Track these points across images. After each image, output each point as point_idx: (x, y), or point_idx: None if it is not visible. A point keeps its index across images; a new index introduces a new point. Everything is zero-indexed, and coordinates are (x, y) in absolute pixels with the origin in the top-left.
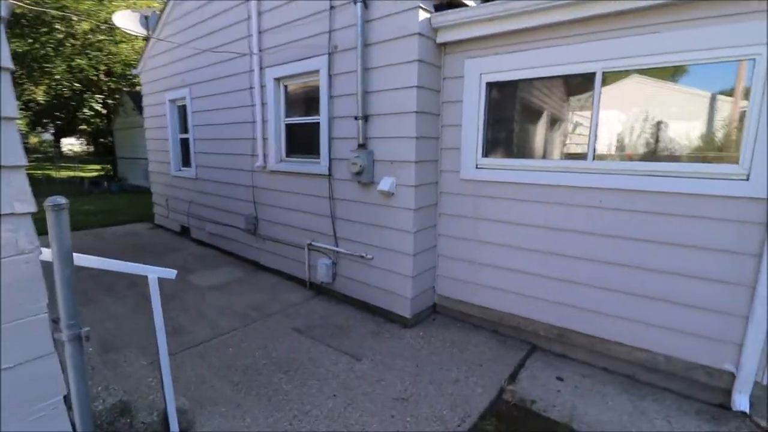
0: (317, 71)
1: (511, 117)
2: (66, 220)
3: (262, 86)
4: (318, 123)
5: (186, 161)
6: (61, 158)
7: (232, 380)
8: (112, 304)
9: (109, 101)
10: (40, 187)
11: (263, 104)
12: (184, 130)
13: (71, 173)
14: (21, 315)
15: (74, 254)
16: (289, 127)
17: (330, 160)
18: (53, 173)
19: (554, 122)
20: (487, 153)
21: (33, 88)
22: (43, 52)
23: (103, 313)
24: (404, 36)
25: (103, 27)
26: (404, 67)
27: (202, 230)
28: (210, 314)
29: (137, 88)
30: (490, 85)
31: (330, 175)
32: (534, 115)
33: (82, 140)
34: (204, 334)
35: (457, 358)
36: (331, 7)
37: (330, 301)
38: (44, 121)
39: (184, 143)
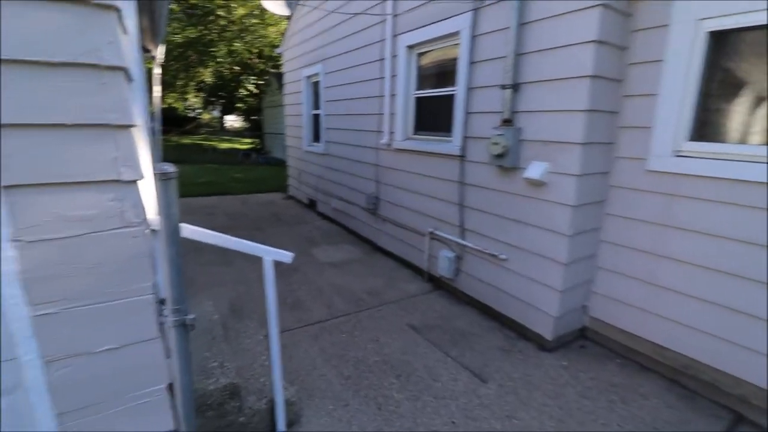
0: (456, 33)
1: (745, 82)
2: (174, 191)
3: (394, 56)
4: (452, 95)
5: (317, 137)
6: (223, 132)
7: (342, 373)
8: (247, 267)
9: (260, 82)
10: (207, 155)
11: (393, 76)
12: (317, 106)
13: (230, 145)
14: (125, 294)
15: (192, 227)
16: (418, 101)
17: (464, 138)
18: (217, 144)
19: None
20: (695, 135)
21: (202, 70)
22: (209, 37)
23: (237, 275)
24: None
25: (255, 12)
26: (578, 16)
27: (328, 205)
28: (327, 292)
29: (280, 68)
30: (714, 36)
31: (462, 156)
32: None
33: (240, 117)
34: (320, 313)
35: (619, 410)
36: None
37: (450, 299)
38: (211, 99)
39: (316, 119)
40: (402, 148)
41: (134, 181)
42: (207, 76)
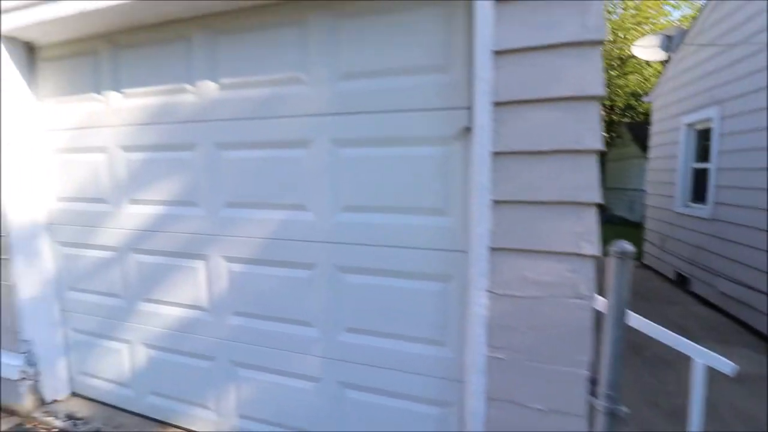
0: None
1: None
2: (629, 270)
3: None
4: None
5: (699, 196)
6: None
7: None
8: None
9: (607, 134)
10: None
11: None
12: (703, 158)
13: None
14: (560, 362)
15: (636, 316)
16: None
17: None
18: None
19: None
20: None
21: None
22: None
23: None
24: None
25: (614, 63)
26: None
27: (710, 286)
28: (723, 413)
29: (637, 119)
30: None
31: None
32: None
33: None
34: None
35: None
36: None
37: None
38: None
39: (700, 175)
40: None
41: (591, 256)
42: None
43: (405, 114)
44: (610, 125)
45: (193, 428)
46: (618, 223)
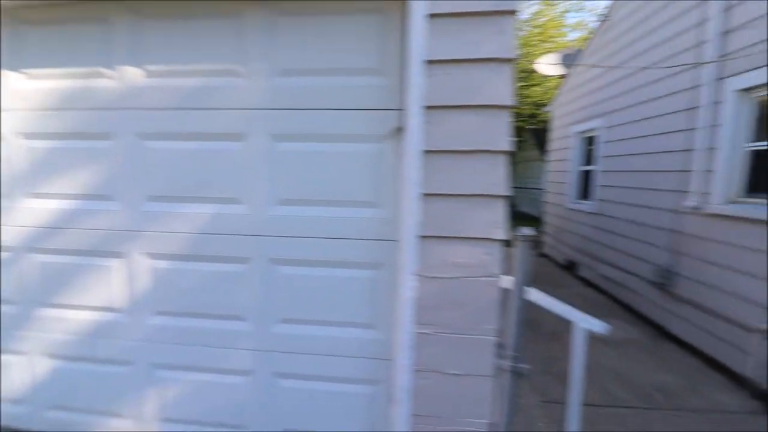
0: None
1: None
2: (528, 252)
3: (715, 103)
4: None
5: (585, 194)
6: None
7: None
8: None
9: (514, 139)
10: None
11: (713, 126)
12: (588, 162)
13: None
14: (475, 331)
15: (533, 290)
16: (752, 155)
17: None
18: None
19: None
20: None
21: None
22: None
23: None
24: None
25: (521, 75)
26: None
27: (592, 270)
28: (598, 374)
29: (538, 126)
30: None
31: None
32: None
33: None
34: (592, 395)
35: None
36: None
37: None
38: None
39: (586, 176)
40: (723, 213)
41: (501, 240)
42: None
43: (340, 112)
44: (518, 131)
45: None
46: (521, 217)
